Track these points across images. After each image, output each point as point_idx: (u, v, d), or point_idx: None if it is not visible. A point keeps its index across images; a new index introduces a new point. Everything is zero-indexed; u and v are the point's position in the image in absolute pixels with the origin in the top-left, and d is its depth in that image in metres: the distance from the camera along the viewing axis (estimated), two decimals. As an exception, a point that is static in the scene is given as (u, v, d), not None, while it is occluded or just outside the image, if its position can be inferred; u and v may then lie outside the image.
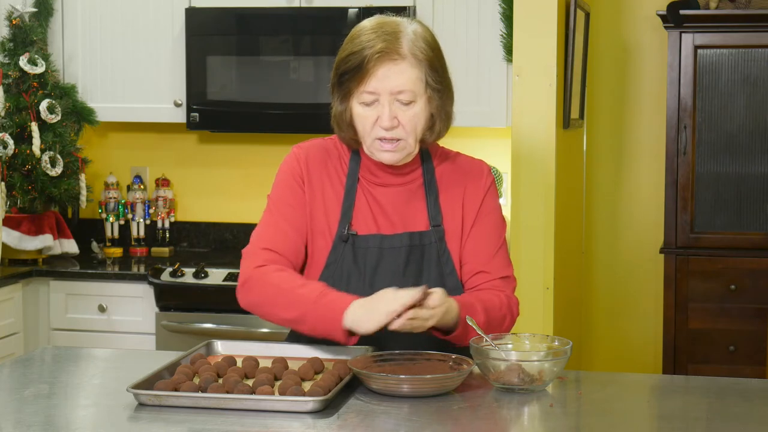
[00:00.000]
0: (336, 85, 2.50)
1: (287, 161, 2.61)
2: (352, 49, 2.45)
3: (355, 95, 2.46)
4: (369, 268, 2.50)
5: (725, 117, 4.47)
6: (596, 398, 2.35)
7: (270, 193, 2.60)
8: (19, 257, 4.39)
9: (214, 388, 2.21)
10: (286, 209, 2.55)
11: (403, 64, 2.43)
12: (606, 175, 4.87)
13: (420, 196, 2.56)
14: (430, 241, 2.53)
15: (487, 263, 2.55)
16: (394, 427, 2.12)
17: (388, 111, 2.43)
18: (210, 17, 4.36)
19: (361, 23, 2.51)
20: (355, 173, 2.56)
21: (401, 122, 2.45)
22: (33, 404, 2.24)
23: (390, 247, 2.51)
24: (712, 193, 4.50)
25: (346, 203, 2.54)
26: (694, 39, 4.45)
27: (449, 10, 4.22)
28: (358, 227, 2.53)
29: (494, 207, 2.60)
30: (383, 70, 2.42)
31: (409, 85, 2.44)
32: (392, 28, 2.46)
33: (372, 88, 2.43)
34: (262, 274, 2.49)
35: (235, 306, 4.12)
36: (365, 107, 2.46)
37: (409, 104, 2.45)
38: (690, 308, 4.51)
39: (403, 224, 2.54)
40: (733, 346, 4.46)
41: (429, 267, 2.52)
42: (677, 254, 4.50)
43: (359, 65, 2.42)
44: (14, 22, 4.43)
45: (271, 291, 2.46)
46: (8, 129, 4.35)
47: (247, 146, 4.74)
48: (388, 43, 2.42)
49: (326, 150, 2.60)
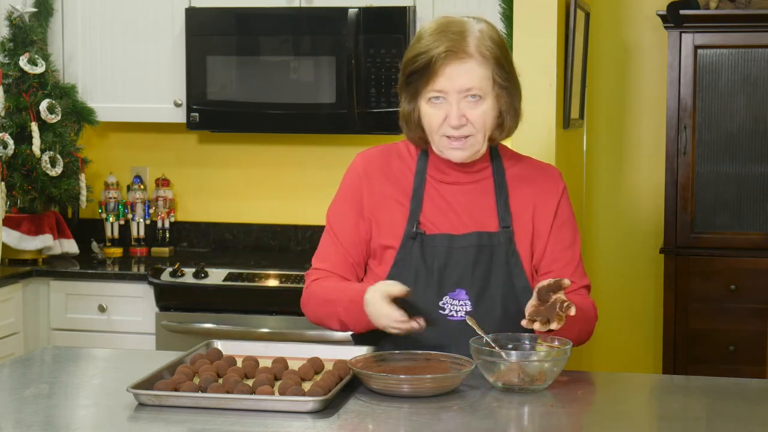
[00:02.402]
0: (404, 86, 2.52)
1: (346, 175, 2.66)
2: (419, 50, 2.47)
3: (422, 95, 2.48)
4: (437, 266, 2.50)
5: (725, 117, 4.47)
6: (596, 398, 2.35)
7: (329, 207, 2.66)
8: (19, 257, 4.39)
9: (214, 388, 2.21)
10: (340, 226, 2.60)
11: (471, 63, 2.45)
12: (606, 175, 4.87)
13: (489, 196, 2.56)
14: (499, 242, 2.53)
15: (571, 274, 2.56)
16: (394, 427, 2.12)
17: (456, 109, 2.45)
18: (210, 17, 4.36)
19: (426, 24, 2.54)
20: (423, 172, 2.57)
21: (470, 119, 2.46)
22: (33, 404, 2.24)
23: (459, 246, 2.52)
24: (712, 193, 4.50)
25: (414, 202, 2.55)
26: (694, 39, 4.45)
27: (449, 10, 4.22)
28: (426, 225, 2.54)
29: (570, 214, 2.62)
30: (450, 69, 2.44)
31: (477, 83, 2.45)
32: (458, 27, 2.47)
33: (440, 87, 2.45)
34: (309, 291, 2.62)
35: (235, 306, 4.16)
36: (433, 106, 2.47)
37: (477, 102, 2.46)
38: (690, 308, 4.51)
39: (473, 223, 2.54)
40: (733, 346, 4.46)
41: (497, 268, 2.52)
42: (677, 254, 4.50)
43: (427, 65, 2.44)
44: (14, 22, 4.43)
45: (314, 304, 2.60)
46: (8, 129, 4.35)
47: (247, 146, 4.74)
48: (455, 43, 2.44)
49: (389, 153, 2.63)
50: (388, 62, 4.17)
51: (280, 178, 4.73)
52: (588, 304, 2.56)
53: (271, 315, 4.08)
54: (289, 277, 4.11)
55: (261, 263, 4.37)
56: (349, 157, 5.02)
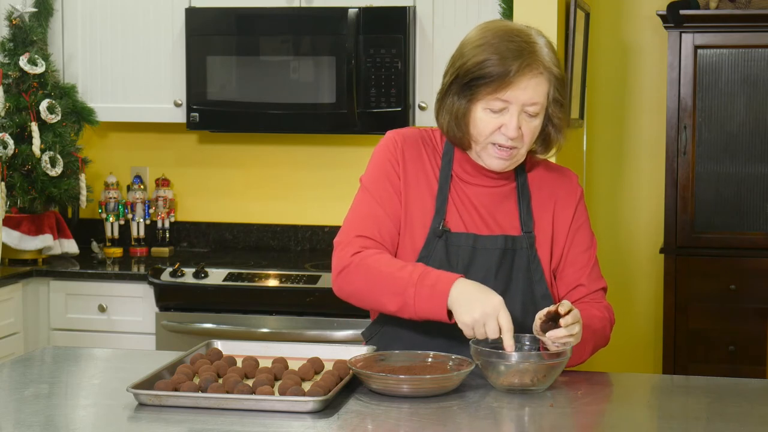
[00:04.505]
0: (461, 86, 2.43)
1: (384, 145, 2.55)
2: (488, 55, 2.39)
3: (483, 101, 2.42)
4: (461, 266, 2.47)
5: (725, 117, 4.47)
6: (596, 398, 2.35)
7: (363, 175, 2.55)
8: (19, 257, 4.39)
9: (214, 388, 2.21)
10: (381, 194, 2.51)
11: (543, 77, 2.41)
12: (606, 175, 4.87)
13: (512, 200, 2.54)
14: (522, 247, 2.51)
15: (587, 276, 2.56)
16: (394, 427, 2.12)
17: (516, 121, 2.40)
18: (210, 17, 4.36)
19: (483, 30, 2.46)
20: (449, 169, 2.53)
21: (523, 133, 2.43)
22: (33, 404, 2.24)
23: (483, 248, 2.49)
24: (712, 193, 4.50)
25: (440, 198, 2.51)
26: (694, 39, 4.45)
27: (449, 10, 4.22)
28: (450, 224, 2.51)
29: (586, 218, 2.60)
30: (525, 82, 2.39)
31: (541, 98, 2.42)
32: (528, 38, 2.42)
33: (507, 97, 2.39)
34: (360, 259, 2.42)
35: (235, 306, 4.16)
36: (491, 113, 2.42)
37: (534, 116, 2.43)
38: (690, 308, 4.51)
39: (496, 226, 2.52)
40: (733, 346, 4.46)
41: (519, 272, 2.50)
42: (677, 254, 4.50)
43: (502, 74, 2.38)
44: (14, 22, 4.43)
45: (371, 276, 2.40)
46: (8, 129, 4.35)
47: (247, 146, 4.74)
48: (532, 57, 2.39)
49: (422, 139, 2.56)
50: (388, 62, 4.17)
51: (280, 178, 4.73)
52: (602, 320, 2.52)
53: (271, 315, 4.08)
54: (289, 277, 4.11)
55: (261, 263, 4.37)
56: (349, 157, 5.01)
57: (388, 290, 2.38)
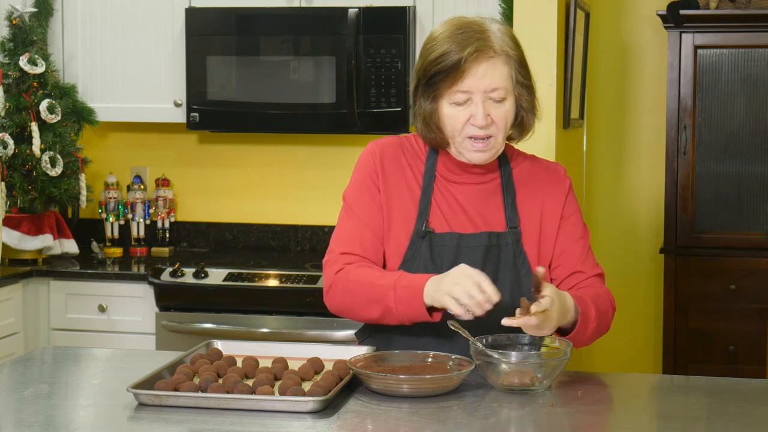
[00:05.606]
0: (424, 87, 2.48)
1: (362, 160, 2.60)
2: (443, 50, 2.44)
3: (446, 96, 2.46)
4: (446, 265, 2.47)
5: (725, 117, 4.47)
6: (596, 398, 2.35)
7: (345, 192, 2.60)
8: (19, 257, 4.39)
9: (214, 388, 2.21)
10: (363, 209, 2.55)
11: (497, 62, 2.44)
12: (606, 176, 4.87)
13: (497, 197, 2.56)
14: (507, 243, 2.53)
15: (582, 263, 2.57)
16: (394, 427, 2.12)
17: (482, 109, 2.43)
18: (210, 17, 4.36)
19: (440, 27, 2.51)
20: (432, 170, 2.55)
21: (494, 119, 2.45)
22: (33, 404, 2.24)
23: (467, 246, 2.51)
24: (712, 193, 4.50)
25: (423, 200, 2.54)
26: (694, 39, 4.45)
27: (449, 10, 4.22)
28: (435, 224, 2.53)
29: (576, 207, 2.62)
30: (478, 69, 2.42)
31: (502, 82, 2.44)
32: (479, 27, 2.46)
33: (466, 87, 2.43)
34: (344, 275, 2.48)
35: (235, 306, 4.16)
36: (456, 107, 2.45)
37: (501, 101, 2.45)
38: (690, 308, 4.51)
39: (482, 223, 2.53)
40: (733, 346, 4.46)
41: (505, 268, 2.52)
42: (677, 254, 4.50)
43: (454, 65, 2.42)
44: (14, 22, 4.43)
45: (353, 289, 2.46)
46: (8, 129, 4.35)
47: (247, 146, 4.74)
48: (481, 42, 2.43)
49: (402, 147, 2.59)
50: (388, 62, 4.17)
51: (280, 178, 4.73)
52: (602, 295, 2.54)
53: (271, 315, 4.08)
54: (289, 277, 4.11)
55: (261, 263, 4.37)
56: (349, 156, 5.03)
57: (371, 299, 2.44)
